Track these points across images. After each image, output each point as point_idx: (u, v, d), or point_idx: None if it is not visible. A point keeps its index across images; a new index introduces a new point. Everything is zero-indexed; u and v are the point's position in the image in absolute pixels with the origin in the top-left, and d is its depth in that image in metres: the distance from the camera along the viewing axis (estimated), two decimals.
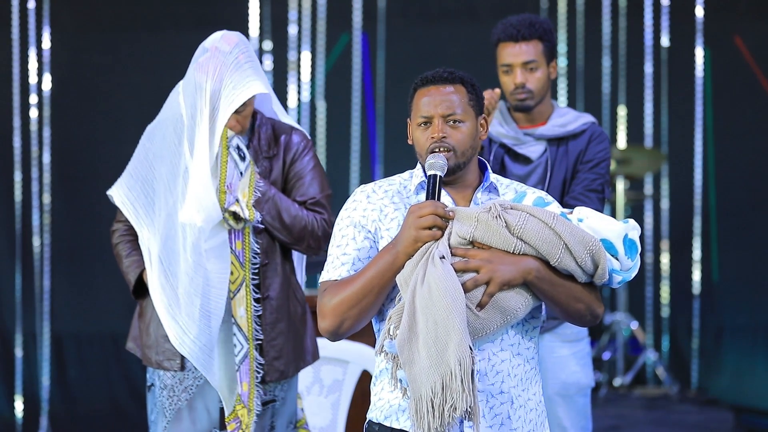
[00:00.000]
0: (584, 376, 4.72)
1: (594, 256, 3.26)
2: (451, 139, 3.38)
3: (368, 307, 3.29)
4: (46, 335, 8.52)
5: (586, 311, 3.35)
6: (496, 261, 3.21)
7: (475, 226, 3.23)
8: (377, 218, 3.38)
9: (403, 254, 3.23)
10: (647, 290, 9.13)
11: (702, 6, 9.03)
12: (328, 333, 3.34)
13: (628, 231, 3.34)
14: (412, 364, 3.14)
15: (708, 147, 9.08)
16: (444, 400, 3.10)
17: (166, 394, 4.43)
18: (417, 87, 3.46)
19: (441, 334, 3.10)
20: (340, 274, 3.35)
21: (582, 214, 3.36)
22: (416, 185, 3.45)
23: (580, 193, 4.61)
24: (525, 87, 4.65)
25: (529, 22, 4.64)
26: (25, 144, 8.59)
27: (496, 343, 3.29)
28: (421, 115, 3.41)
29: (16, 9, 8.63)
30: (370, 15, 9.05)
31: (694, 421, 7.85)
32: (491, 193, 3.48)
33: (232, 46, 4.32)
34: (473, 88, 3.46)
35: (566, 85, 9.10)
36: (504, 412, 3.30)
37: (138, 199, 4.43)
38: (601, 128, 4.77)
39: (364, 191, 3.44)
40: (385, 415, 3.33)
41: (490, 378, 3.28)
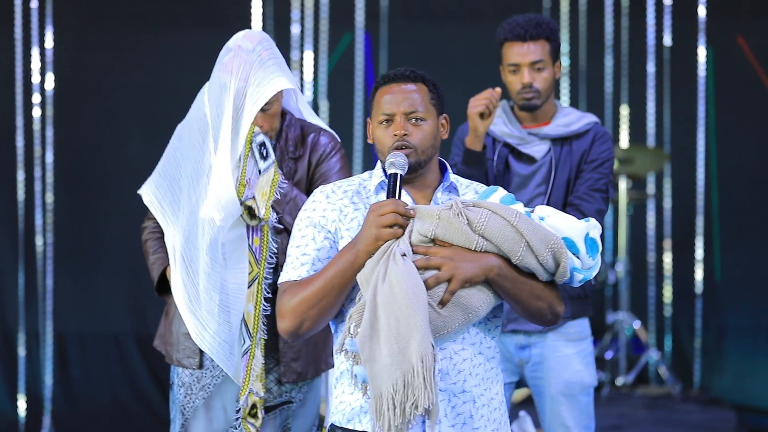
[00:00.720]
0: (588, 375, 4.72)
1: (555, 254, 3.27)
2: (412, 137, 3.38)
3: (329, 306, 3.28)
4: (49, 334, 8.53)
5: (547, 310, 3.36)
6: (458, 258, 3.22)
7: (436, 223, 3.23)
8: (337, 218, 3.38)
9: (364, 253, 3.23)
10: (650, 290, 9.13)
11: (704, 5, 9.03)
12: (287, 333, 3.32)
13: (589, 230, 3.36)
14: (374, 362, 3.12)
15: (710, 146, 9.08)
16: (405, 397, 3.09)
17: (184, 392, 4.44)
18: (379, 85, 3.46)
19: (403, 332, 3.10)
20: (299, 274, 3.34)
21: (543, 213, 3.36)
22: (376, 185, 3.45)
23: (585, 192, 4.62)
24: (532, 86, 4.65)
25: (536, 22, 4.64)
26: (27, 143, 8.60)
27: (458, 342, 3.29)
28: (382, 113, 3.41)
29: (19, 8, 8.63)
30: (372, 14, 9.05)
31: (697, 421, 7.85)
32: (451, 193, 3.48)
33: (254, 43, 4.30)
34: (435, 87, 3.47)
35: (569, 85, 9.11)
36: (466, 412, 3.29)
37: (165, 197, 4.44)
38: (605, 128, 4.77)
39: (324, 191, 3.44)
40: (347, 417, 3.32)
41: (452, 377, 3.28)
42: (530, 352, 4.70)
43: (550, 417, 4.71)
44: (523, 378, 4.77)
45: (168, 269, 4.44)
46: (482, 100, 4.57)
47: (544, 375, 4.69)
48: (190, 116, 4.46)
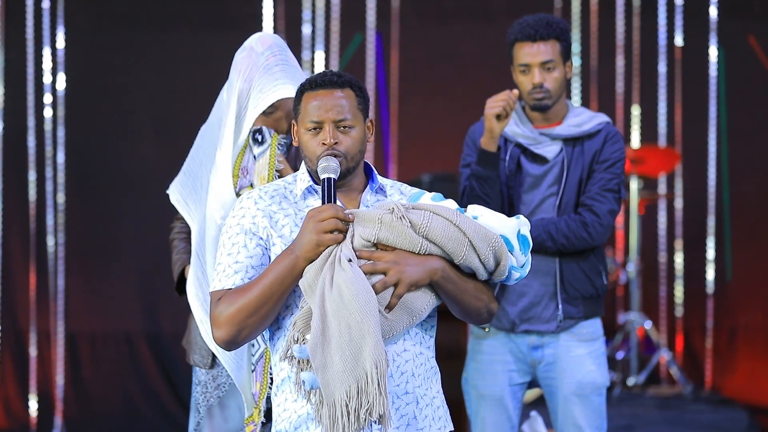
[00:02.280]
0: (600, 376, 4.71)
1: (496, 253, 3.28)
2: (342, 146, 3.38)
3: (267, 314, 3.26)
4: (61, 334, 8.54)
5: (484, 309, 3.39)
6: (403, 262, 3.22)
7: (379, 227, 3.23)
8: (268, 225, 3.36)
9: (303, 259, 3.22)
10: (661, 290, 9.12)
11: (716, 6, 9.02)
12: (224, 342, 3.30)
13: (520, 227, 3.38)
14: (326, 369, 3.11)
15: (722, 146, 9.07)
16: (359, 404, 3.09)
17: (200, 390, 4.45)
18: (305, 90, 3.44)
19: (355, 338, 3.09)
20: (233, 282, 3.32)
21: (476, 212, 3.38)
22: (303, 189, 3.44)
23: (597, 192, 4.61)
24: (543, 87, 4.64)
25: (546, 22, 4.64)
26: (39, 143, 8.61)
27: (400, 344, 3.30)
28: (310, 120, 3.39)
29: (30, 8, 8.65)
30: (383, 14, 9.05)
31: (708, 421, 7.83)
32: (378, 195, 3.48)
33: (264, 47, 4.32)
34: (361, 91, 3.46)
35: (580, 85, 9.10)
36: (410, 413, 3.30)
37: (190, 196, 4.46)
38: (616, 128, 4.76)
39: (251, 197, 3.42)
40: (294, 425, 3.30)
41: (396, 379, 3.28)
42: (543, 353, 4.69)
43: (562, 417, 4.71)
44: (535, 378, 4.77)
45: (187, 268, 4.46)
46: (500, 101, 4.56)
47: (557, 375, 4.68)
48: (213, 115, 4.48)
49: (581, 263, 4.64)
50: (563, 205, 4.62)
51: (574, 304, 4.65)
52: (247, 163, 4.34)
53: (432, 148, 8.56)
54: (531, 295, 4.65)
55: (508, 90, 4.61)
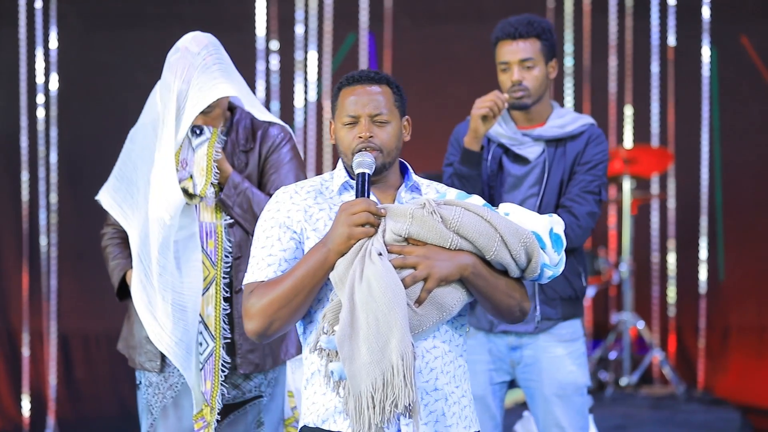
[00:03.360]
0: (581, 376, 4.70)
1: (528, 249, 3.28)
2: (378, 139, 3.38)
3: (298, 306, 3.28)
4: (53, 334, 8.54)
5: (516, 307, 3.38)
6: (434, 257, 3.22)
7: (410, 222, 3.23)
8: (302, 218, 3.38)
9: (335, 252, 3.23)
10: (653, 290, 9.13)
11: (708, 6, 9.02)
12: (256, 335, 3.31)
13: (553, 225, 3.37)
14: (353, 360, 3.12)
15: (714, 146, 9.08)
16: (385, 395, 3.09)
17: (152, 391, 4.45)
18: (342, 86, 3.45)
19: (382, 330, 3.10)
20: (266, 275, 3.33)
21: (507, 209, 3.38)
22: (339, 185, 3.45)
23: (577, 194, 4.61)
24: (522, 84, 4.64)
25: (527, 21, 4.65)
26: (32, 144, 8.61)
27: (429, 341, 3.30)
28: (347, 115, 3.41)
29: (23, 9, 8.65)
30: (376, 15, 9.06)
31: (701, 421, 7.84)
32: (413, 192, 3.49)
33: (200, 47, 4.36)
34: (398, 89, 3.47)
35: (573, 85, 9.11)
36: (438, 409, 3.30)
37: (125, 200, 4.45)
38: (600, 130, 4.75)
39: (286, 192, 3.44)
40: (321, 418, 3.31)
41: (425, 375, 3.29)
42: (522, 353, 4.69)
43: (543, 419, 4.70)
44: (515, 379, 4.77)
45: (129, 273, 4.44)
46: (487, 102, 4.56)
47: (537, 377, 4.68)
48: (144, 117, 4.51)
49: None
50: (544, 206, 4.62)
51: (552, 305, 4.64)
52: (186, 155, 4.36)
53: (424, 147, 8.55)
54: None
55: (497, 91, 4.62)
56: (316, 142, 9.07)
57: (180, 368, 4.29)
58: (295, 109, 9.02)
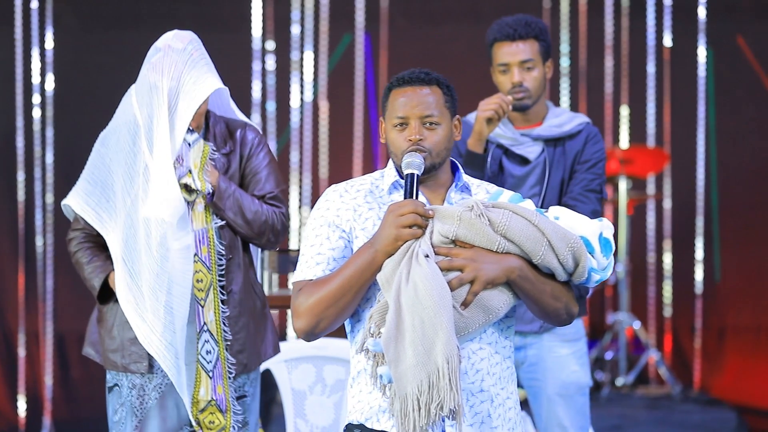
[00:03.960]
0: (583, 376, 4.72)
1: (575, 254, 3.27)
2: (427, 142, 3.38)
3: (346, 306, 3.28)
4: (49, 335, 8.53)
5: (563, 310, 3.37)
6: (480, 260, 3.22)
7: (457, 224, 3.23)
8: (351, 218, 3.38)
9: (382, 253, 3.23)
10: (649, 290, 9.13)
11: (704, 6, 9.03)
12: (303, 333, 3.32)
13: (602, 229, 3.36)
14: (398, 363, 3.13)
15: (710, 147, 9.08)
16: (430, 398, 3.10)
17: (136, 393, 4.42)
18: (393, 87, 3.45)
19: (428, 333, 3.10)
20: (315, 273, 3.34)
21: (557, 213, 3.37)
22: (389, 185, 3.45)
23: (579, 193, 4.61)
24: (522, 86, 4.64)
25: (524, 22, 4.65)
26: (28, 144, 8.60)
27: (476, 342, 3.30)
28: (397, 116, 3.40)
29: (19, 9, 8.64)
30: (372, 15, 9.06)
31: (697, 421, 7.85)
32: (463, 193, 3.48)
33: (185, 43, 4.37)
34: (449, 89, 3.46)
35: (569, 85, 9.11)
36: (484, 411, 3.30)
37: (99, 204, 4.42)
38: (597, 128, 4.76)
39: (336, 191, 3.44)
40: (365, 416, 3.32)
41: (470, 376, 3.28)
42: (526, 353, 4.70)
43: (546, 418, 4.71)
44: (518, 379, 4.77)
45: (111, 275, 4.42)
46: (492, 104, 4.55)
47: (541, 376, 4.69)
48: (117, 121, 4.48)
49: None
50: (545, 205, 4.60)
51: None
52: (182, 151, 4.38)
53: None
54: None
55: (500, 93, 4.62)
56: (312, 143, 9.07)
57: (168, 371, 4.28)
58: (291, 110, 9.01)
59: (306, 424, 5.20)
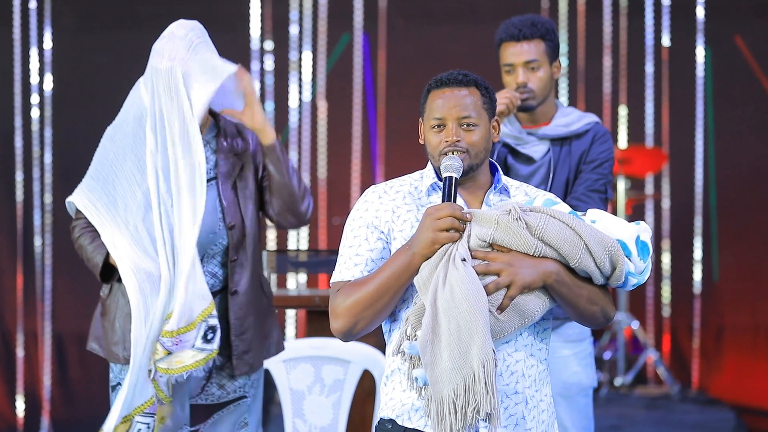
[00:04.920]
0: (586, 377, 4.72)
1: (612, 257, 3.27)
2: (465, 142, 3.38)
3: (383, 308, 3.29)
4: (48, 335, 8.53)
5: (600, 314, 3.36)
6: (517, 264, 3.22)
7: (495, 228, 3.23)
8: (390, 219, 3.38)
9: (420, 256, 3.23)
10: (648, 290, 9.13)
11: (703, 6, 9.03)
12: (341, 334, 3.34)
13: (640, 233, 3.35)
14: (434, 366, 3.14)
15: (709, 147, 9.08)
16: (467, 402, 3.11)
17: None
18: (431, 88, 3.45)
19: (464, 337, 3.11)
20: (353, 274, 3.35)
21: (594, 216, 3.36)
22: (428, 186, 3.45)
23: (583, 193, 4.60)
24: (527, 86, 4.63)
25: (531, 22, 4.64)
26: (26, 144, 8.60)
27: (511, 344, 3.30)
28: (434, 117, 3.41)
29: (17, 9, 8.63)
30: (371, 15, 9.06)
31: (695, 421, 7.85)
32: (502, 195, 3.48)
33: (187, 30, 4.48)
34: (487, 90, 3.46)
35: (567, 85, 9.11)
36: (519, 413, 3.30)
37: (99, 199, 4.40)
38: (605, 128, 4.75)
39: (376, 192, 3.44)
40: (396, 413, 3.33)
41: (505, 378, 3.29)
42: None
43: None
44: None
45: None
46: (503, 100, 4.56)
47: None
48: (126, 115, 4.49)
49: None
50: None
51: None
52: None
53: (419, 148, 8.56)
54: None
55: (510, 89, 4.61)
56: (310, 143, 9.07)
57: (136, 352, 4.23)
58: (290, 110, 9.01)
59: (304, 424, 5.19)
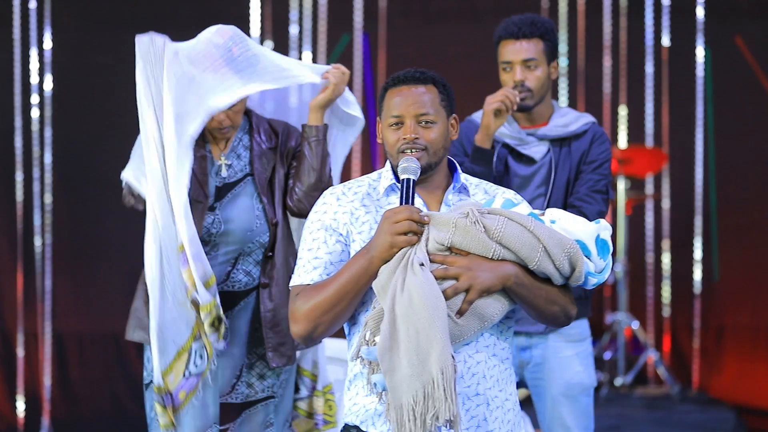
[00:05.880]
0: (587, 377, 4.72)
1: (571, 258, 3.27)
2: (423, 140, 3.38)
3: (342, 312, 3.28)
4: (48, 335, 8.52)
5: (561, 313, 3.37)
6: (476, 268, 3.22)
7: (453, 231, 3.22)
8: (348, 221, 3.37)
9: (378, 260, 3.23)
10: (648, 290, 9.13)
11: (703, 6, 9.03)
12: (301, 338, 3.33)
13: (600, 231, 3.36)
14: (393, 372, 3.12)
15: (709, 146, 9.08)
16: (426, 408, 3.09)
17: None
18: (388, 86, 3.45)
19: (423, 343, 3.09)
20: (312, 278, 3.34)
21: (554, 216, 3.36)
22: (386, 187, 3.44)
23: (585, 194, 4.61)
24: (524, 85, 4.63)
25: (530, 21, 4.64)
26: (26, 144, 8.59)
27: (472, 346, 3.30)
28: (392, 115, 3.41)
29: (17, 9, 8.63)
30: (371, 15, 9.05)
31: (695, 421, 7.85)
32: (461, 194, 3.48)
33: (225, 38, 4.39)
34: (444, 88, 3.47)
35: (567, 85, 9.11)
36: (480, 414, 3.30)
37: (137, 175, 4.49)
38: (602, 128, 4.76)
39: (334, 193, 3.44)
40: (361, 419, 3.32)
41: (466, 380, 3.28)
42: (531, 353, 4.69)
43: (550, 418, 4.71)
44: (522, 379, 4.77)
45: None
46: (499, 96, 4.56)
47: (545, 376, 4.69)
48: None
49: None
50: (551, 205, 4.60)
51: None
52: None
53: None
54: None
55: (508, 87, 4.61)
56: None
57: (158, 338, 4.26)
58: None
59: None
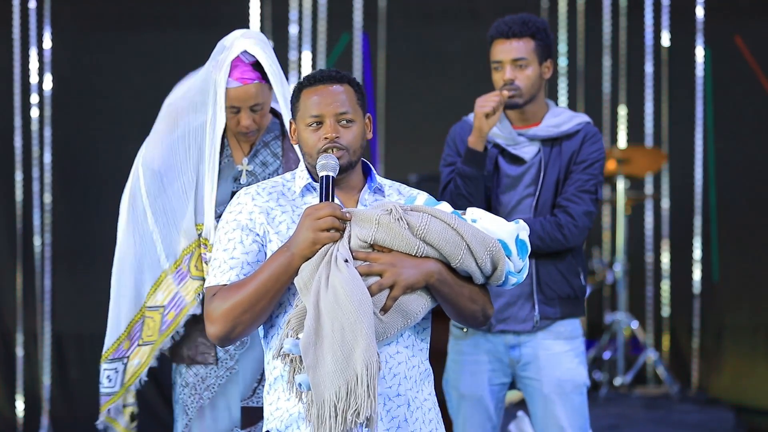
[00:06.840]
0: (579, 374, 4.69)
1: (494, 257, 3.28)
2: (344, 139, 3.37)
3: (262, 311, 3.26)
4: (47, 335, 8.52)
5: (480, 312, 3.38)
6: (400, 264, 3.21)
7: (376, 228, 3.22)
8: (264, 221, 3.35)
9: (299, 257, 3.21)
10: (647, 290, 9.13)
11: (702, 6, 9.03)
12: (218, 339, 3.29)
13: (519, 231, 3.37)
14: (317, 368, 3.11)
15: (708, 146, 9.08)
16: (347, 405, 3.08)
17: (188, 392, 4.43)
18: (303, 86, 3.43)
19: (348, 338, 3.08)
20: (229, 278, 3.31)
21: (475, 215, 3.37)
22: (302, 187, 3.43)
23: (573, 194, 4.60)
24: (513, 84, 4.63)
25: (521, 20, 4.64)
26: (26, 144, 8.59)
27: (393, 345, 3.29)
28: (311, 115, 3.38)
29: (17, 8, 8.63)
30: (370, 15, 9.05)
31: (695, 421, 7.85)
32: (377, 194, 3.47)
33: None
34: (359, 87, 3.46)
35: (567, 85, 9.11)
36: (401, 415, 3.29)
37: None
38: (596, 128, 4.74)
39: (248, 193, 3.41)
40: (285, 424, 3.30)
41: (388, 381, 3.28)
42: (520, 352, 4.68)
43: (543, 418, 4.68)
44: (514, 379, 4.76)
45: None
46: (490, 101, 4.56)
47: (535, 374, 4.67)
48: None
49: (558, 264, 4.63)
50: (540, 206, 4.62)
51: (551, 305, 4.63)
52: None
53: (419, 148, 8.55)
54: (507, 295, 4.63)
55: (498, 91, 4.61)
56: None
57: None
58: None
59: None
